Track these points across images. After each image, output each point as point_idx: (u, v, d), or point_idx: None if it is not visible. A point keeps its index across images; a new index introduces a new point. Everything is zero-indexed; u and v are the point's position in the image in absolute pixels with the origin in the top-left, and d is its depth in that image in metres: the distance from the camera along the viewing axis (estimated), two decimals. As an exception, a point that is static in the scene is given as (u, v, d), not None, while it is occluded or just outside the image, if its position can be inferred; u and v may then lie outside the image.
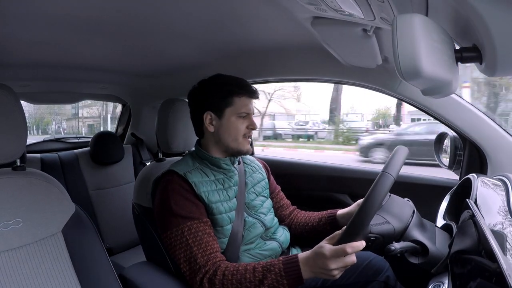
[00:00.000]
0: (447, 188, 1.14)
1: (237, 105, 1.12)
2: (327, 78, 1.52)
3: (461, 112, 1.24)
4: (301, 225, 1.29)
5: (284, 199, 1.38)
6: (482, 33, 0.46)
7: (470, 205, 0.79)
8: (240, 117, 1.12)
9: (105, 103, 8.27)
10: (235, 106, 1.12)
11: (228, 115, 1.12)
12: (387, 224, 0.86)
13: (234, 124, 1.12)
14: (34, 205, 0.92)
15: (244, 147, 1.14)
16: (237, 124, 1.12)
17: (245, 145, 1.15)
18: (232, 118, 1.12)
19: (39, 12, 0.95)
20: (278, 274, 0.87)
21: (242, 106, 1.12)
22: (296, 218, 1.32)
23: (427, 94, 0.58)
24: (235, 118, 1.12)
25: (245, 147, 1.14)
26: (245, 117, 1.13)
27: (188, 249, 0.99)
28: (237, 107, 1.12)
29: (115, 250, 2.02)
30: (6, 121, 0.87)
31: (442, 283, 0.76)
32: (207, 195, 1.07)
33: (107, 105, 9.23)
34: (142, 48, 1.38)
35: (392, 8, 0.63)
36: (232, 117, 1.12)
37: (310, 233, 1.26)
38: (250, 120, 1.14)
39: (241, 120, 1.13)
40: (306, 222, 1.28)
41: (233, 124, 1.12)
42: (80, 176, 2.01)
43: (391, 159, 0.82)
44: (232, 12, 1.02)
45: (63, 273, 0.91)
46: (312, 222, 1.26)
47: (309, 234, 1.26)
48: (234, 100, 1.12)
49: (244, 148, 1.14)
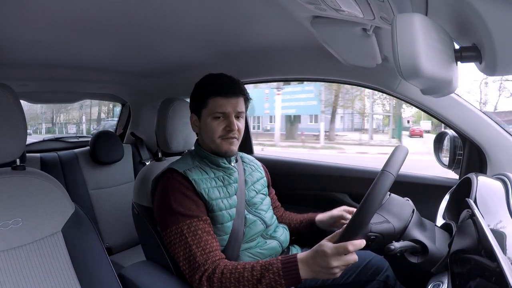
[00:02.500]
0: (446, 188, 1.14)
1: (211, 106, 1.11)
2: (327, 78, 1.52)
3: (461, 111, 1.24)
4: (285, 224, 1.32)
5: (277, 202, 1.41)
6: (481, 33, 0.46)
7: (470, 204, 0.79)
8: (215, 118, 1.11)
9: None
10: (209, 107, 1.11)
11: (204, 116, 1.12)
12: (387, 223, 0.86)
13: (210, 126, 1.11)
14: (34, 204, 0.92)
15: (222, 148, 1.12)
16: (212, 125, 1.11)
17: (223, 146, 1.12)
18: (208, 120, 1.11)
19: (39, 12, 0.95)
20: (276, 274, 0.87)
21: (216, 106, 1.10)
22: (280, 219, 1.34)
23: (426, 94, 0.58)
24: (210, 120, 1.11)
25: (222, 148, 1.12)
26: (220, 118, 1.11)
27: (187, 248, 0.99)
28: (211, 108, 1.11)
29: (115, 249, 2.03)
30: (5, 120, 0.86)
31: (442, 283, 0.76)
32: (207, 192, 1.07)
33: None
34: (141, 47, 1.38)
35: (392, 8, 0.63)
36: (207, 119, 1.11)
37: (292, 234, 1.30)
38: (228, 121, 1.11)
39: (217, 121, 1.11)
40: (289, 223, 1.33)
41: (209, 126, 1.11)
42: (79, 175, 2.02)
43: (391, 158, 0.82)
44: (232, 12, 1.02)
45: (63, 272, 0.91)
46: (294, 223, 1.32)
47: (292, 234, 1.29)
48: (208, 101, 1.11)
49: (222, 149, 1.13)
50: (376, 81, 1.35)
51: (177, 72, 1.80)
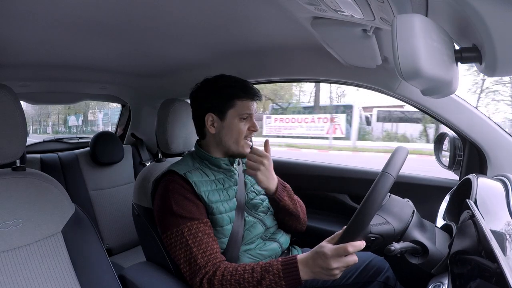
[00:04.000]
0: (447, 189, 1.14)
1: (239, 107, 1.12)
2: (327, 79, 1.52)
3: (461, 112, 1.24)
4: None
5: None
6: (482, 33, 0.46)
7: (470, 205, 0.79)
8: (242, 119, 1.12)
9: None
10: (237, 108, 1.12)
11: (230, 117, 1.12)
12: (387, 224, 0.86)
13: (236, 126, 1.12)
14: (34, 205, 0.92)
15: (245, 150, 1.14)
16: (239, 126, 1.12)
17: (246, 149, 1.14)
18: (235, 120, 1.12)
19: (39, 13, 0.95)
20: (276, 275, 0.87)
21: (245, 108, 1.12)
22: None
23: (426, 94, 0.58)
24: (237, 120, 1.12)
25: (245, 150, 1.14)
26: (246, 118, 1.13)
27: (188, 250, 0.99)
28: (239, 109, 1.12)
29: (115, 250, 2.02)
30: (6, 121, 0.86)
31: (442, 284, 0.76)
32: (207, 195, 1.07)
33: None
34: (142, 48, 1.38)
35: (392, 8, 0.63)
36: (234, 119, 1.12)
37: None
38: (251, 122, 1.14)
39: (243, 122, 1.13)
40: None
41: (235, 126, 1.12)
42: (80, 176, 2.02)
43: (391, 159, 0.82)
44: (232, 13, 1.02)
45: (63, 273, 0.91)
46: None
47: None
48: (236, 103, 1.12)
49: (244, 151, 1.14)
50: (376, 82, 1.35)
51: (177, 72, 1.80)
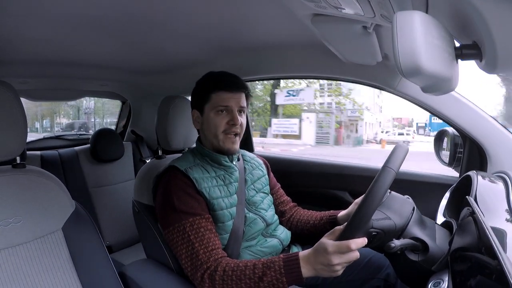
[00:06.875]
0: (447, 185, 1.14)
1: (214, 100, 1.12)
2: (328, 75, 1.52)
3: (461, 109, 1.23)
4: (302, 222, 1.28)
5: (284, 196, 1.38)
6: (482, 30, 0.46)
7: (470, 202, 0.79)
8: (218, 111, 1.12)
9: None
10: (212, 101, 1.12)
11: (207, 111, 1.13)
12: (388, 220, 0.86)
13: (213, 120, 1.12)
14: (34, 202, 0.92)
15: (225, 145, 1.13)
16: (215, 120, 1.12)
17: (227, 144, 1.13)
18: (211, 114, 1.12)
19: (40, 10, 0.95)
20: (277, 272, 0.87)
21: (219, 100, 1.11)
22: (297, 215, 1.32)
23: (427, 91, 0.58)
24: (213, 114, 1.12)
25: (226, 145, 1.13)
26: (224, 112, 1.12)
27: (190, 245, 0.99)
28: (214, 102, 1.12)
29: (115, 247, 2.03)
30: (6, 118, 0.86)
31: (442, 280, 0.76)
32: (208, 191, 1.07)
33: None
34: (142, 45, 1.38)
35: (392, 5, 0.63)
36: (210, 113, 1.12)
37: (310, 231, 1.25)
38: (231, 115, 1.12)
39: (220, 116, 1.12)
40: (308, 220, 1.27)
41: (212, 120, 1.12)
42: (80, 173, 2.02)
43: (392, 154, 0.82)
44: (232, 10, 1.01)
45: (63, 270, 0.91)
46: (313, 221, 1.25)
47: (309, 233, 1.25)
48: (211, 96, 1.12)
49: (225, 147, 1.13)
50: (376, 79, 1.35)
51: (177, 69, 1.80)
